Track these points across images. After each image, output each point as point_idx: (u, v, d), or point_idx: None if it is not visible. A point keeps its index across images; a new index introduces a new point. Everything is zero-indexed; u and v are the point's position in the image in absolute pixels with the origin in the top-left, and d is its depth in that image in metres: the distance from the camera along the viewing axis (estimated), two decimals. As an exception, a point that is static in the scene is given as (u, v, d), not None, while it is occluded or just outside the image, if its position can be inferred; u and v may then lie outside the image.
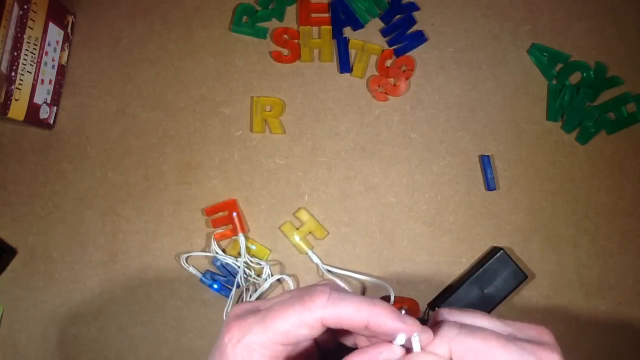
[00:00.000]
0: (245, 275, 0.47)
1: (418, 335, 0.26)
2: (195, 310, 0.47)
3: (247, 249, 0.48)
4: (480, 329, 0.28)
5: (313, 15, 0.51)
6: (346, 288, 0.43)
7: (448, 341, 0.27)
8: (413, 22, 0.51)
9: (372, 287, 0.48)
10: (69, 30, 0.50)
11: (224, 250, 0.48)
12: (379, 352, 0.26)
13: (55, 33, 0.48)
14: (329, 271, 0.48)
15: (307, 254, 0.48)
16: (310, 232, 0.48)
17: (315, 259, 0.48)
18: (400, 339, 0.26)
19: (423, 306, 0.48)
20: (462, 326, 0.27)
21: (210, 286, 0.47)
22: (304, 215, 0.48)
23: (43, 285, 0.48)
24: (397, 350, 0.26)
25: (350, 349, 0.27)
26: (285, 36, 0.51)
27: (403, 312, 0.26)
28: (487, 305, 0.46)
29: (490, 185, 0.48)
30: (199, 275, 0.47)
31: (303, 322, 0.26)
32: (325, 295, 0.26)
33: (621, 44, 0.51)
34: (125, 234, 0.48)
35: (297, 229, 0.48)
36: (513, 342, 0.27)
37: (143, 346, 0.47)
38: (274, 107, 0.50)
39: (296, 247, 0.48)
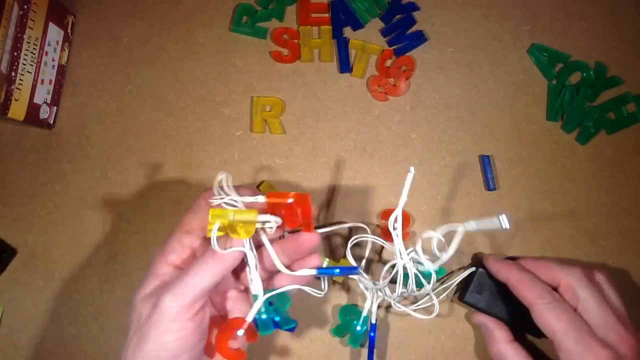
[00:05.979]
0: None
1: None
2: (195, 310, 0.47)
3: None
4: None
5: (313, 15, 0.51)
6: None
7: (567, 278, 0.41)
8: (413, 22, 0.51)
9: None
10: (69, 30, 0.50)
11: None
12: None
13: (55, 33, 0.48)
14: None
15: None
16: None
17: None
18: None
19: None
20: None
21: (210, 286, 0.47)
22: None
23: (43, 285, 0.48)
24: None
25: None
26: (285, 36, 0.51)
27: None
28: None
29: (490, 185, 0.48)
30: (199, 275, 0.47)
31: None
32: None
33: (621, 44, 0.51)
34: (125, 234, 0.48)
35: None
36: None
37: (143, 346, 0.47)
38: (274, 107, 0.50)
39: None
